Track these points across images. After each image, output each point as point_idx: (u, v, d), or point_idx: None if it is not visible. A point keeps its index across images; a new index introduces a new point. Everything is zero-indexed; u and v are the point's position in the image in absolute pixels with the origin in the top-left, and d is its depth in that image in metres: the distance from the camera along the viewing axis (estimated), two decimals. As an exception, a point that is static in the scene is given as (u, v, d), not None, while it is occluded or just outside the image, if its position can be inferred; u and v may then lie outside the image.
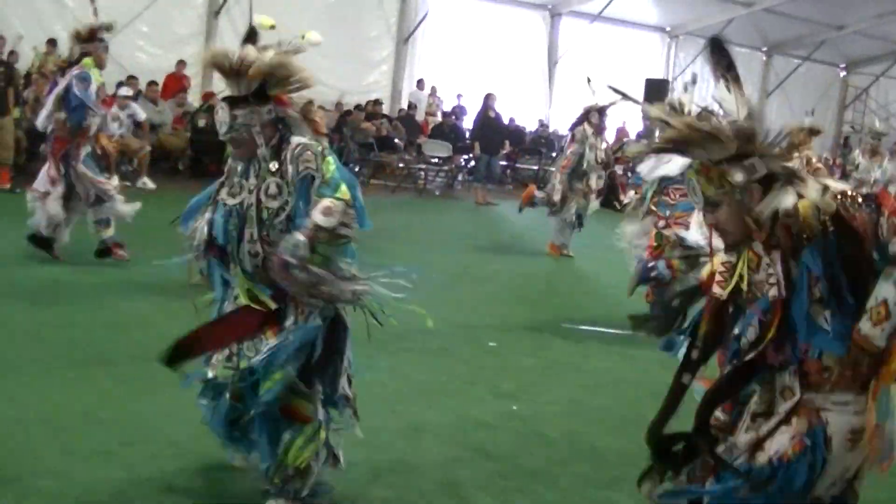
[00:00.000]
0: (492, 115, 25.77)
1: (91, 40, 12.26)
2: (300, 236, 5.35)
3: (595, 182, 16.48)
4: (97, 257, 12.46)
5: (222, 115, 5.62)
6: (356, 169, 26.15)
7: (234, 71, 5.67)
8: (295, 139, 5.69)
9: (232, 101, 5.69)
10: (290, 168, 5.59)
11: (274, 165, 5.63)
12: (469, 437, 7.38)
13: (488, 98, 25.66)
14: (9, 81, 18.21)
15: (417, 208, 23.07)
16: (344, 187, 5.57)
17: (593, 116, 16.45)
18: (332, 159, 5.65)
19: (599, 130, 16.76)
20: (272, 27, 6.34)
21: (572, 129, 17.00)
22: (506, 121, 28.46)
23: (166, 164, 22.16)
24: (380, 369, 8.91)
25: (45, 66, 21.06)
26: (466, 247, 17.50)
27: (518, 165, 30.24)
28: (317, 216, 5.41)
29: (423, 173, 26.66)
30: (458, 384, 8.80)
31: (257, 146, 5.65)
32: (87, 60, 12.22)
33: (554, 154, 29.44)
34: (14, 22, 23.08)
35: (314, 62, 20.22)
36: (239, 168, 5.78)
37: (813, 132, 16.82)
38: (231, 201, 5.69)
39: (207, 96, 23.25)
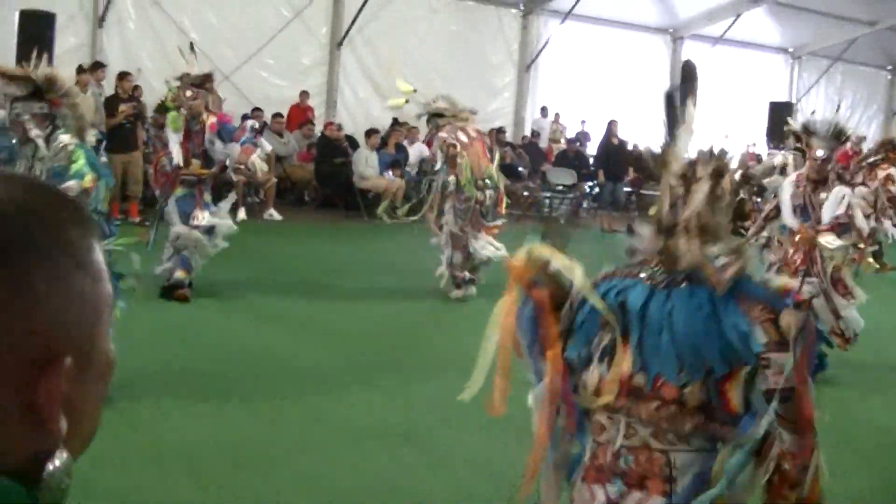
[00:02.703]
0: (615, 141, 25.66)
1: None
2: None
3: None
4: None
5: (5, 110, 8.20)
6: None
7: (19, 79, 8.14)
8: (62, 136, 7.93)
9: (14, 98, 8.03)
10: (48, 157, 7.86)
11: (42, 151, 7.88)
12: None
13: (611, 125, 25.57)
14: (137, 116, 18.51)
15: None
16: (88, 177, 7.69)
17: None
18: (82, 153, 7.85)
19: None
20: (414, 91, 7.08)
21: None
22: (629, 146, 28.28)
23: (292, 196, 22.32)
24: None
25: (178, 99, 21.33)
26: (594, 275, 17.32)
27: (643, 191, 30.00)
28: None
29: (547, 201, 26.44)
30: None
31: (27, 131, 7.89)
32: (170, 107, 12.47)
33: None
34: (142, 55, 23.48)
35: (437, 89, 20.41)
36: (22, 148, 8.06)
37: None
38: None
39: (329, 126, 23.41)
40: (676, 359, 3.72)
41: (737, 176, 4.00)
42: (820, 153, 10.48)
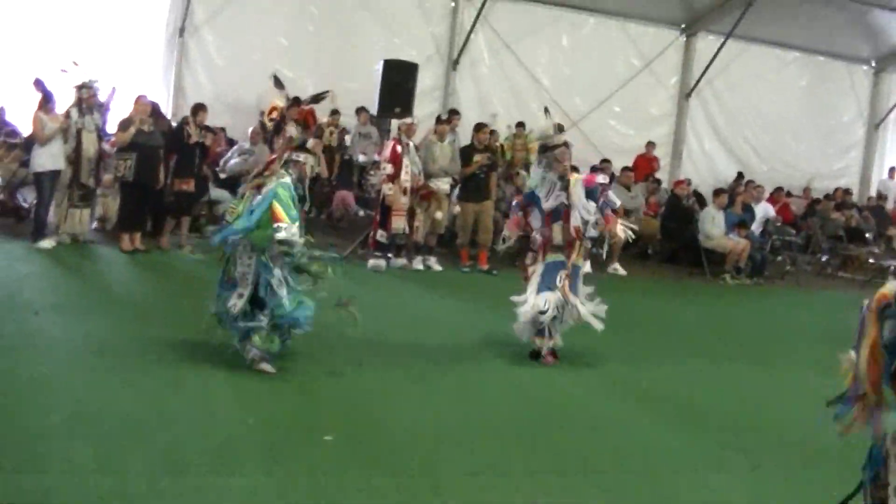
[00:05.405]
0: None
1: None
2: None
3: None
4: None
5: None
6: (823, 259, 25.25)
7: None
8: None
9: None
10: None
11: None
12: None
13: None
14: (490, 167, 18.44)
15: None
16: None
17: None
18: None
19: None
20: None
21: None
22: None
23: (636, 250, 22.14)
24: None
25: (514, 147, 21.52)
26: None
27: None
28: None
29: (893, 268, 25.42)
30: None
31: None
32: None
33: None
34: (493, 99, 24.02)
35: (788, 146, 20.22)
36: None
37: None
38: None
39: (679, 184, 23.10)
40: None
41: None
42: None
